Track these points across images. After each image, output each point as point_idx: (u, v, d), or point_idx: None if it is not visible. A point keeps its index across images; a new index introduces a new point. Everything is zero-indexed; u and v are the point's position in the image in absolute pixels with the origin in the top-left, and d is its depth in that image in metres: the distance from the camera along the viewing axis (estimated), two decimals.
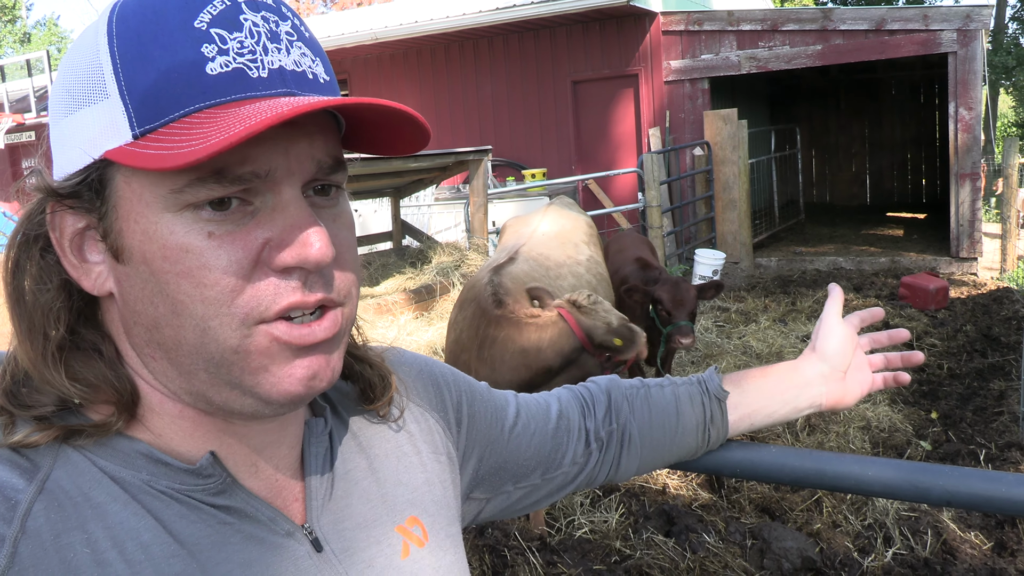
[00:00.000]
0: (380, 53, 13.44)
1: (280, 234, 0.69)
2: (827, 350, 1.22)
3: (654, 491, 4.25)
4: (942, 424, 5.06)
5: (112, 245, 0.71)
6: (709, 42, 11.12)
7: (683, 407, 1.19)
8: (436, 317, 7.56)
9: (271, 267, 0.69)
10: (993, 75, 23.78)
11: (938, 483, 1.02)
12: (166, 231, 0.68)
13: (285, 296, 0.69)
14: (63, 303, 0.74)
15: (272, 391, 0.71)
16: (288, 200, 0.70)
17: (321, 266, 0.70)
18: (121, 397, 0.73)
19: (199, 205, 0.67)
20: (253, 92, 0.67)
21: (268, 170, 0.68)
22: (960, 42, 9.64)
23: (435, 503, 0.92)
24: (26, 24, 40.82)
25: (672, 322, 4.59)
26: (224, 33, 0.67)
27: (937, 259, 10.07)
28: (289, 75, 0.69)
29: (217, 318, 0.68)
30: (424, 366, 1.03)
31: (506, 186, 11.06)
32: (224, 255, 0.68)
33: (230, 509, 0.75)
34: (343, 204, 0.78)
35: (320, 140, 0.72)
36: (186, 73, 0.66)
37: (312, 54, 0.73)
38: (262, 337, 0.70)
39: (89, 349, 0.75)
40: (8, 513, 0.66)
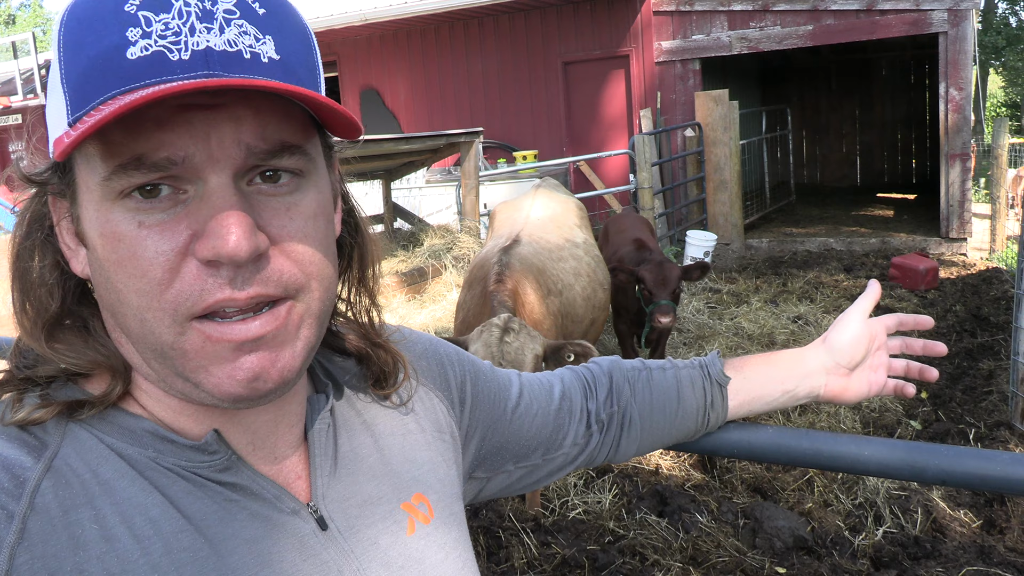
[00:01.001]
0: (370, 35, 13.34)
1: (202, 225, 0.67)
2: (836, 344, 1.20)
3: (647, 472, 4.28)
4: (932, 404, 5.10)
5: (77, 230, 0.72)
6: (700, 22, 11.08)
7: (684, 391, 1.19)
8: (428, 299, 7.56)
9: (198, 260, 0.67)
10: (983, 55, 23.79)
11: (933, 462, 1.03)
12: (104, 219, 0.68)
13: (212, 292, 0.67)
14: (56, 280, 0.75)
15: (215, 390, 0.70)
16: (212, 188, 0.67)
17: (236, 260, 0.66)
18: (112, 365, 0.74)
19: (128, 193, 0.67)
20: (170, 76, 0.64)
21: (184, 156, 0.66)
22: (951, 22, 9.63)
23: (440, 481, 0.93)
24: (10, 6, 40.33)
25: (654, 301, 4.67)
26: (151, 15, 0.65)
27: (927, 240, 10.11)
28: (216, 56, 0.65)
29: (150, 311, 0.68)
30: (429, 345, 1.03)
31: (497, 168, 11.03)
32: (152, 245, 0.67)
33: (236, 486, 0.76)
34: (304, 191, 0.73)
35: (251, 123, 0.68)
36: (109, 58, 0.64)
37: (259, 32, 0.68)
38: (195, 335, 0.68)
39: (80, 326, 0.76)
40: (16, 490, 0.67)
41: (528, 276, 3.80)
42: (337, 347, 0.92)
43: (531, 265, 3.91)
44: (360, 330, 0.91)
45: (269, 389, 0.71)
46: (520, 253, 3.96)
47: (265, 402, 0.73)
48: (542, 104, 12.28)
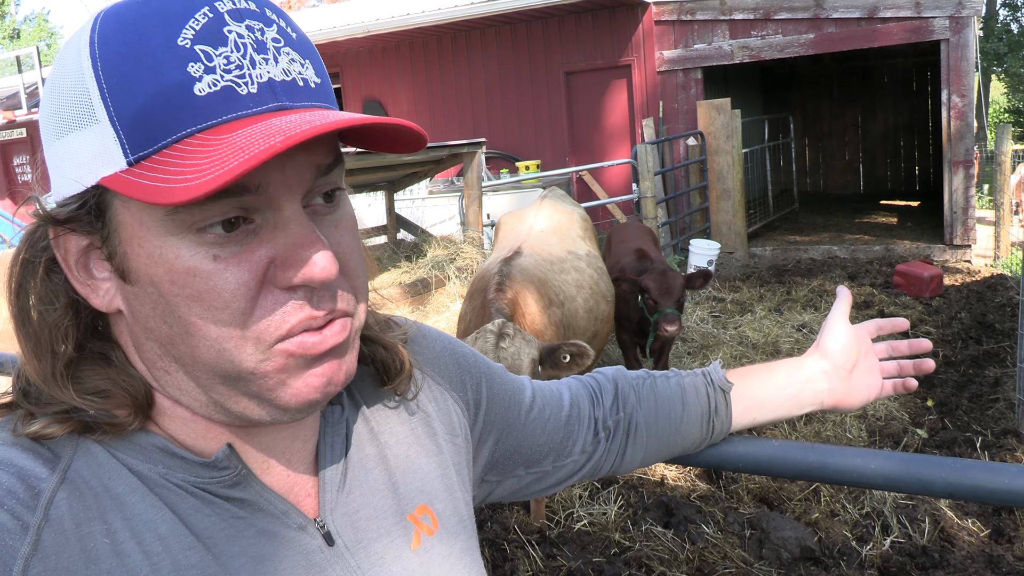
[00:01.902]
0: (372, 46, 13.39)
1: (283, 253, 0.69)
2: (830, 348, 1.21)
3: (652, 482, 4.26)
4: (938, 412, 5.07)
5: (118, 266, 0.71)
6: (702, 31, 11.10)
7: (688, 397, 1.19)
8: (432, 311, 7.56)
9: (277, 286, 0.69)
10: (985, 62, 23.80)
11: (940, 475, 1.02)
12: (171, 255, 0.67)
13: (294, 314, 0.69)
14: (71, 321, 0.74)
15: (291, 401, 0.72)
16: (289, 217, 0.69)
17: (327, 284, 0.70)
18: (135, 399, 0.74)
19: (201, 227, 0.66)
20: (244, 111, 0.65)
21: (259, 184, 0.67)
22: (952, 29, 9.64)
23: (447, 488, 0.93)
24: (15, 20, 40.58)
25: (658, 310, 4.67)
26: (209, 49, 0.65)
27: (931, 247, 10.09)
28: (279, 86, 0.67)
29: (231, 340, 0.69)
30: (447, 344, 1.03)
31: (500, 178, 11.05)
32: (232, 278, 0.67)
33: (244, 502, 0.76)
34: (344, 205, 0.77)
35: (319, 147, 0.71)
36: (174, 96, 0.64)
37: (301, 57, 0.71)
38: (278, 357, 0.70)
39: (98, 358, 0.75)
40: (32, 501, 0.67)
41: (529, 287, 3.80)
42: None
43: (532, 276, 3.91)
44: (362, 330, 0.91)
45: (336, 392, 0.75)
46: (521, 264, 3.96)
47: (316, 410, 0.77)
48: (544, 114, 12.30)
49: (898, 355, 1.28)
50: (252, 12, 0.69)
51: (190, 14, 0.66)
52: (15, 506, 0.66)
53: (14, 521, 0.65)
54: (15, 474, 0.68)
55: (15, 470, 0.68)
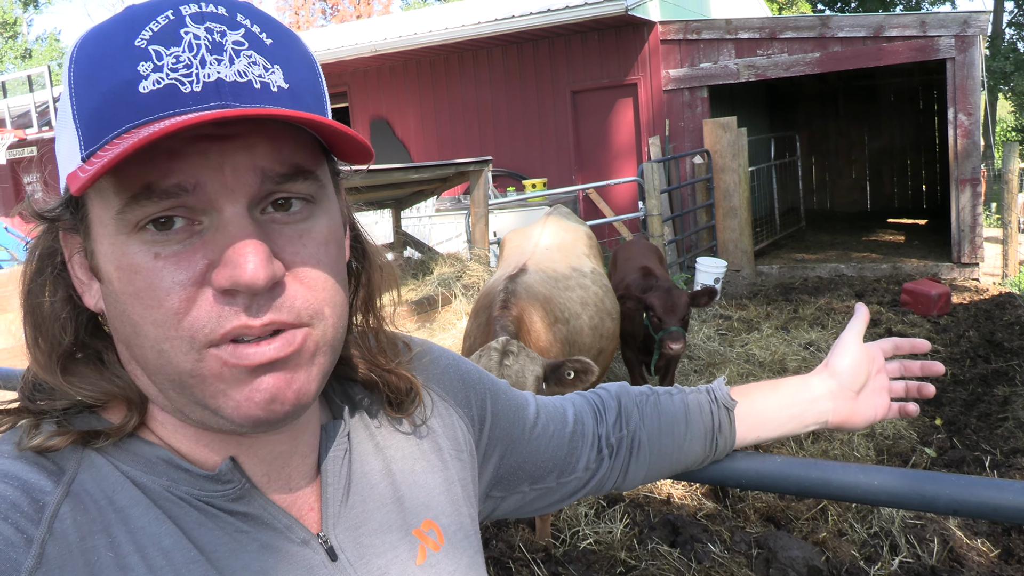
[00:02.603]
0: (380, 65, 13.48)
1: (219, 254, 0.68)
2: (838, 367, 1.20)
3: (659, 501, 4.23)
4: (947, 431, 5.04)
5: (92, 265, 0.73)
6: (707, 51, 11.14)
7: (692, 415, 1.19)
8: (438, 328, 7.55)
9: (215, 289, 0.68)
10: (991, 80, 23.81)
11: (945, 492, 1.01)
12: (119, 252, 0.68)
13: (229, 319, 0.68)
14: (69, 314, 0.76)
15: (234, 414, 0.70)
16: (228, 218, 0.68)
17: (253, 288, 0.67)
18: (128, 396, 0.75)
19: (143, 226, 0.67)
20: (182, 108, 0.65)
21: (195, 183, 0.67)
22: (958, 48, 9.65)
23: (453, 504, 0.92)
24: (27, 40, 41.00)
25: (663, 328, 4.66)
26: (161, 49, 0.66)
27: (939, 265, 10.06)
28: (227, 87, 0.66)
29: (168, 340, 0.68)
30: (452, 361, 1.03)
31: (507, 196, 11.07)
32: (168, 276, 0.67)
33: (247, 516, 0.76)
34: (317, 218, 0.74)
35: (265, 149, 0.69)
36: (121, 93, 0.65)
37: (268, 62, 0.69)
38: (212, 361, 0.68)
39: (94, 357, 0.77)
40: (36, 515, 0.67)
41: (534, 304, 3.80)
42: (347, 375, 0.92)
43: (537, 293, 3.91)
44: (368, 355, 0.91)
45: (286, 411, 0.71)
46: (526, 282, 3.96)
47: (281, 426, 0.73)
48: (551, 132, 12.34)
49: (910, 376, 1.26)
50: (217, 16, 0.69)
51: (153, 16, 0.67)
52: (19, 519, 0.66)
53: (18, 534, 0.65)
54: (19, 487, 0.68)
55: (19, 483, 0.68)
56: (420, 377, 0.95)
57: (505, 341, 3.21)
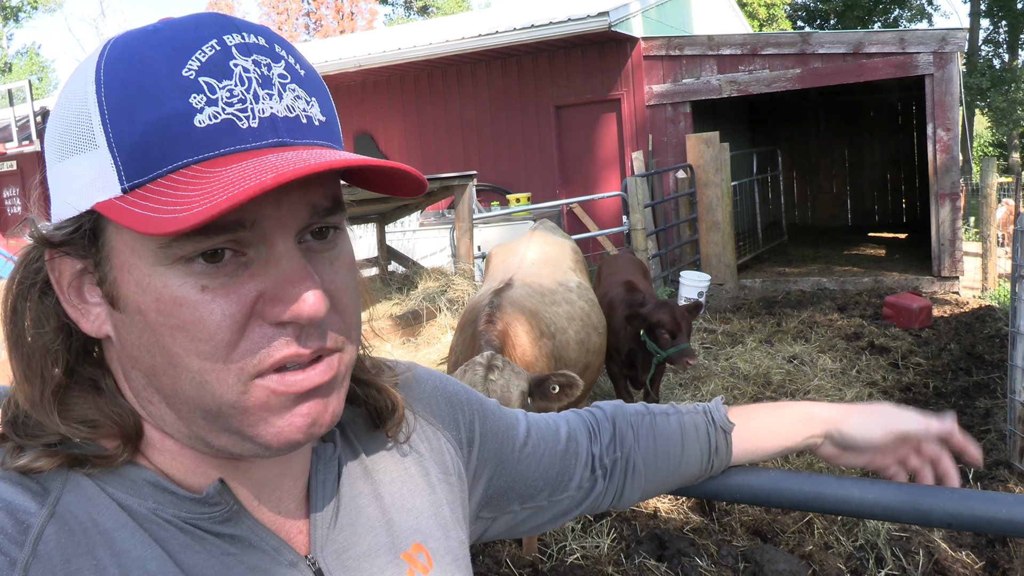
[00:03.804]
0: (364, 80, 13.49)
1: (273, 288, 0.68)
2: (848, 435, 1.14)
3: (645, 515, 4.23)
4: None
5: (108, 292, 0.71)
6: (690, 66, 11.24)
7: (688, 437, 1.18)
8: (423, 343, 7.53)
9: (265, 320, 0.68)
10: (969, 96, 24.15)
11: (939, 505, 1.02)
12: (159, 284, 0.67)
13: (279, 349, 0.68)
14: (61, 344, 0.74)
15: (273, 440, 0.71)
16: (281, 252, 0.68)
17: (315, 322, 0.69)
18: (124, 430, 0.73)
19: (191, 258, 0.66)
20: (243, 145, 0.65)
21: (254, 219, 0.66)
22: (936, 64, 9.78)
23: (441, 527, 0.92)
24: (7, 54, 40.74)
25: (675, 344, 4.63)
26: (213, 82, 0.65)
27: (919, 278, 10.16)
28: (281, 123, 0.67)
29: (213, 372, 0.68)
30: (439, 383, 1.03)
31: (491, 211, 11.09)
32: (218, 309, 0.67)
33: (234, 539, 0.75)
34: (342, 245, 0.76)
35: (317, 185, 0.70)
36: (174, 126, 0.64)
37: (308, 94, 0.71)
38: (259, 391, 0.69)
39: (88, 385, 0.74)
40: (20, 536, 0.66)
41: (520, 318, 3.79)
42: None
43: (523, 308, 3.91)
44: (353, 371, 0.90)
45: (321, 433, 0.73)
46: (512, 296, 3.95)
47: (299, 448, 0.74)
48: (535, 147, 12.39)
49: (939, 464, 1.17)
50: (260, 47, 0.68)
51: (197, 46, 0.66)
52: (2, 541, 0.65)
53: (2, 557, 0.64)
54: (3, 508, 0.67)
55: (3, 504, 0.67)
56: (407, 400, 0.94)
57: (490, 356, 3.20)
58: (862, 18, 28.64)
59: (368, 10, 38.94)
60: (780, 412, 1.20)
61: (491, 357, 3.19)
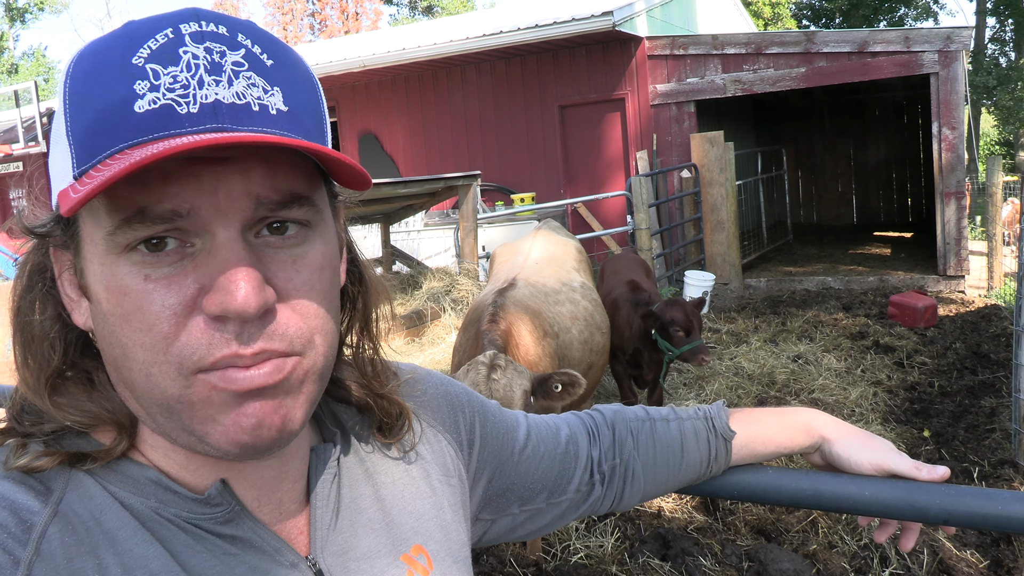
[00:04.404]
0: (368, 80, 13.51)
1: (210, 279, 0.66)
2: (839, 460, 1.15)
3: (649, 515, 4.23)
4: (935, 442, 5.06)
5: (81, 283, 0.71)
6: (694, 66, 11.23)
7: (688, 444, 1.18)
8: (427, 342, 7.54)
9: (206, 314, 0.66)
10: (975, 95, 24.07)
11: (935, 502, 1.02)
12: (109, 273, 0.67)
13: (219, 348, 0.66)
14: (58, 332, 0.75)
15: (221, 440, 0.69)
16: (221, 243, 0.67)
17: (244, 316, 0.65)
18: (118, 420, 0.74)
19: (134, 246, 0.66)
20: (178, 129, 0.64)
21: (189, 208, 0.65)
22: (941, 63, 9.76)
23: (442, 529, 0.92)
24: (13, 55, 40.88)
25: (688, 342, 4.63)
26: (159, 68, 0.64)
27: (925, 277, 10.13)
28: (225, 109, 0.65)
29: (156, 365, 0.67)
30: (439, 385, 1.03)
31: (495, 211, 11.09)
32: (158, 299, 0.66)
33: (235, 539, 0.75)
34: (311, 243, 0.73)
35: (260, 174, 0.68)
36: (116, 112, 0.64)
37: (267, 83, 0.68)
38: (201, 387, 0.67)
39: (83, 378, 0.75)
40: (24, 535, 0.66)
41: (523, 318, 3.80)
42: (340, 396, 0.91)
43: (527, 307, 3.91)
44: (362, 379, 0.90)
45: (272, 437, 0.70)
46: (516, 296, 3.96)
47: (268, 454, 0.72)
48: (539, 147, 12.39)
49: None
50: (218, 35, 0.68)
51: (152, 35, 0.66)
52: (6, 540, 0.65)
53: (5, 555, 0.65)
54: (6, 507, 0.67)
55: (6, 503, 0.68)
56: (409, 404, 0.94)
57: (493, 355, 3.20)
58: (868, 17, 28.56)
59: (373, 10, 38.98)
60: (782, 419, 1.20)
61: (494, 356, 3.19)
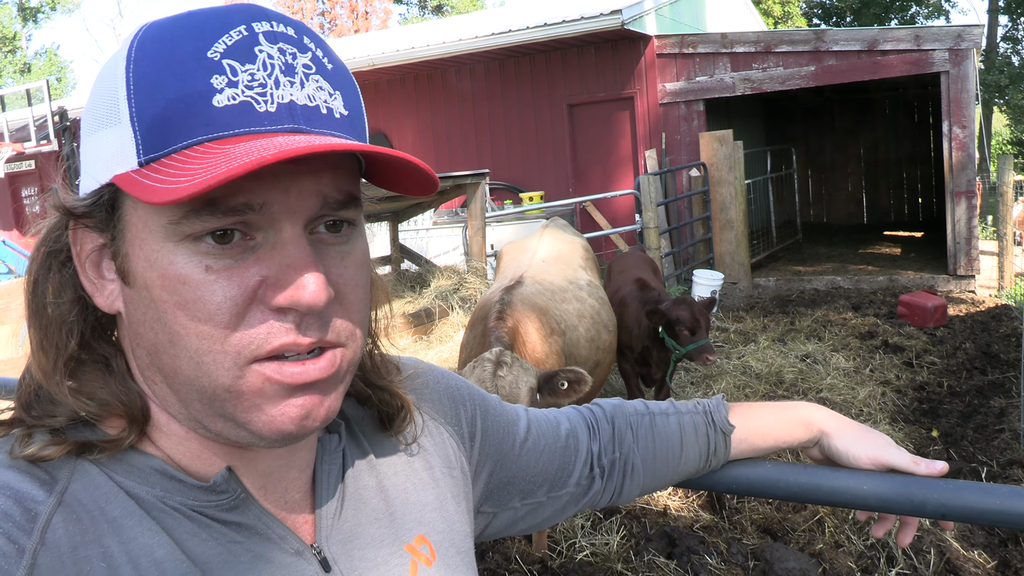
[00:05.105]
0: (378, 79, 13.54)
1: (276, 273, 0.68)
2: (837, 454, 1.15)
3: (655, 513, 4.23)
4: (943, 442, 5.04)
5: (120, 267, 0.72)
6: (703, 64, 11.21)
7: (687, 438, 1.18)
8: (435, 340, 7.56)
9: (266, 305, 0.69)
10: (987, 94, 23.91)
11: (933, 496, 1.02)
12: (166, 260, 0.68)
13: (278, 336, 0.69)
14: (76, 316, 0.75)
15: (264, 429, 0.71)
16: (287, 238, 0.69)
17: (314, 309, 0.69)
18: (131, 412, 0.74)
19: (199, 236, 0.67)
20: (257, 127, 0.66)
21: (262, 203, 0.67)
22: (952, 61, 9.71)
23: (445, 520, 0.93)
24: (26, 54, 41.11)
25: (694, 341, 4.63)
26: (236, 64, 0.66)
27: (935, 277, 10.08)
28: (299, 110, 0.68)
29: (210, 354, 0.68)
30: (441, 378, 1.04)
31: (504, 209, 11.10)
32: (219, 290, 0.67)
33: (241, 526, 0.76)
34: (356, 241, 0.76)
35: (329, 176, 0.71)
36: (193, 103, 0.65)
37: (332, 87, 0.71)
38: (255, 377, 0.69)
39: (100, 363, 0.76)
40: (28, 524, 0.67)
41: (530, 315, 3.80)
42: None
43: (534, 304, 3.92)
44: (360, 372, 0.91)
45: (315, 428, 0.73)
46: (522, 293, 3.96)
47: (294, 442, 0.74)
48: (548, 146, 12.39)
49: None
50: (288, 37, 0.70)
51: (225, 30, 0.68)
52: (11, 529, 0.66)
53: (10, 544, 0.65)
54: (11, 496, 0.68)
55: (11, 492, 0.68)
56: (411, 397, 0.95)
57: (499, 352, 3.21)
58: (879, 15, 28.43)
59: (382, 9, 39.03)
60: (781, 413, 1.20)
61: (500, 353, 3.20)
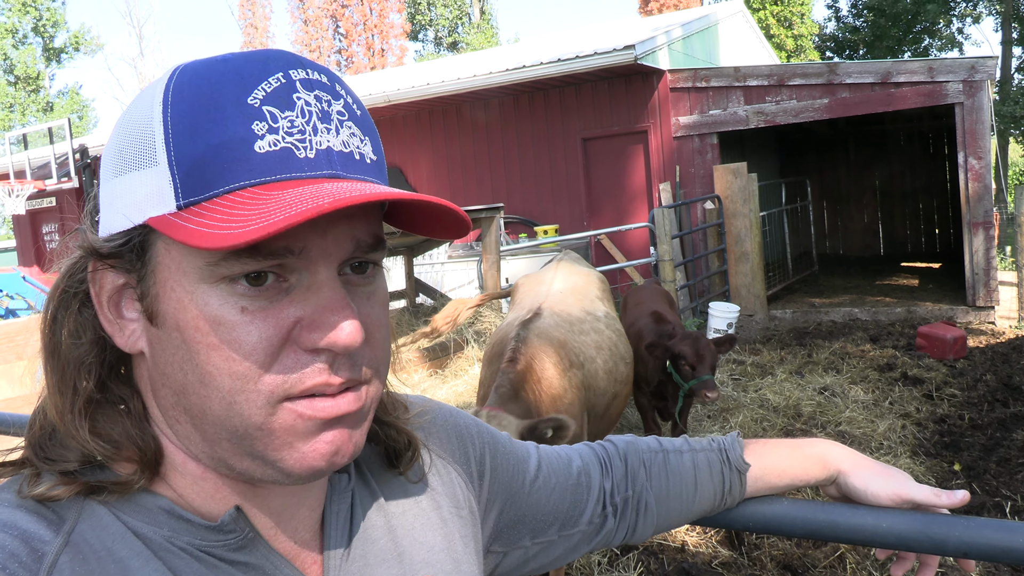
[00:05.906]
0: (393, 115, 13.69)
1: (312, 314, 0.70)
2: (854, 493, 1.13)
3: (673, 549, 4.18)
4: (966, 476, 4.96)
5: (148, 307, 0.72)
6: (717, 98, 11.26)
7: (701, 476, 1.17)
8: (450, 375, 7.55)
9: (300, 346, 0.70)
10: (1002, 125, 23.86)
11: (954, 534, 1.00)
12: (201, 302, 0.69)
13: (311, 376, 0.70)
14: (95, 357, 0.75)
15: (295, 466, 0.72)
16: (323, 281, 0.71)
17: (350, 351, 0.70)
18: (144, 455, 0.74)
19: (234, 278, 0.68)
20: (299, 173, 0.68)
21: (303, 247, 0.69)
22: (966, 93, 9.71)
23: (453, 561, 0.92)
24: (49, 93, 41.88)
25: (696, 376, 4.59)
26: (276, 111, 0.68)
27: (954, 308, 10.00)
28: (336, 156, 0.70)
29: (243, 393, 0.69)
30: (449, 417, 1.03)
31: (519, 243, 11.13)
32: (255, 331, 0.68)
33: (248, 566, 0.75)
34: (379, 281, 0.78)
35: (362, 220, 0.73)
36: (235, 149, 0.67)
37: (362, 133, 0.74)
38: (286, 414, 0.70)
39: (116, 404, 0.76)
40: (35, 565, 0.67)
41: (547, 350, 3.79)
42: None
43: (552, 338, 3.91)
44: None
45: (343, 463, 0.74)
46: (540, 327, 3.96)
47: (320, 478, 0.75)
48: (562, 179, 12.45)
49: None
50: (323, 84, 0.72)
51: (264, 77, 0.69)
52: (17, 569, 0.66)
53: None
54: (18, 536, 0.68)
55: (18, 532, 0.68)
56: (419, 434, 0.95)
57: (487, 415, 3.20)
58: (892, 48, 28.51)
59: (399, 47, 39.55)
60: (797, 451, 1.18)
61: (487, 416, 3.18)
